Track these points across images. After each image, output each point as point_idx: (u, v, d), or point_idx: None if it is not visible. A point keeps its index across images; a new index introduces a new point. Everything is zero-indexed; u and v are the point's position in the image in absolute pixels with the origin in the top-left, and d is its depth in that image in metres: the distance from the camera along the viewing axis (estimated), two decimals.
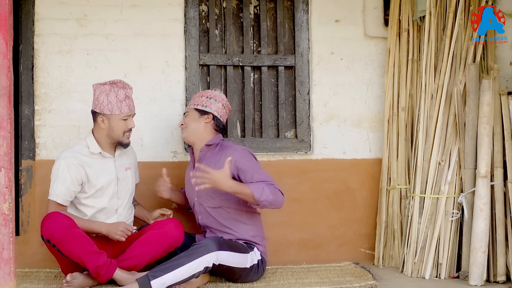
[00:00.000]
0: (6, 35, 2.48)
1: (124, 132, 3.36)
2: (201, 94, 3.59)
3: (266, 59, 4.01)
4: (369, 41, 4.09)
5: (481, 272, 3.39)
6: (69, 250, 3.12)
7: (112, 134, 3.35)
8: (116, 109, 3.31)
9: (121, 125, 3.34)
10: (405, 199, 3.88)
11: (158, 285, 3.02)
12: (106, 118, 3.33)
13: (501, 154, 3.54)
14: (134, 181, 3.56)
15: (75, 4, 3.83)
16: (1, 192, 2.46)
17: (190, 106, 3.56)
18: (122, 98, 3.32)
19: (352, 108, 4.07)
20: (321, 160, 4.02)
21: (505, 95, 3.59)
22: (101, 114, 3.33)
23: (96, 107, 3.34)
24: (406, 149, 3.94)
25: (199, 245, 3.16)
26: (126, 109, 3.33)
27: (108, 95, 3.31)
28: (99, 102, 3.33)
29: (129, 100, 3.35)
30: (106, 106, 3.31)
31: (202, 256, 3.11)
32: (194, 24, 3.95)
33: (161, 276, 3.03)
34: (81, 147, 3.38)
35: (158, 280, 3.02)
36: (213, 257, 3.13)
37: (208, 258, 3.12)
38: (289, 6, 4.08)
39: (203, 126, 3.50)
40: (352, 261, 3.96)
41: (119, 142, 3.38)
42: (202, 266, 3.11)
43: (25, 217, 3.77)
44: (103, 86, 3.34)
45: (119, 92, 3.32)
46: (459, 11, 3.75)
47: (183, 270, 3.06)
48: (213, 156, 3.46)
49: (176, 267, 3.06)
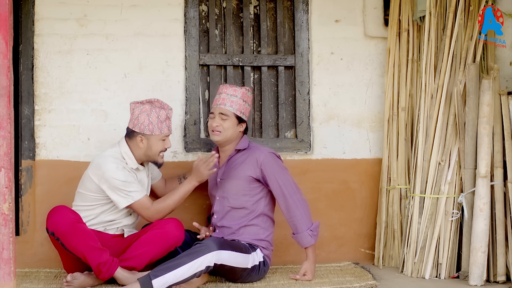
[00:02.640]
0: (6, 35, 2.48)
1: (160, 152, 3.39)
2: (236, 93, 3.51)
3: (266, 59, 4.01)
4: (369, 41, 4.09)
5: (481, 272, 3.39)
6: (73, 244, 3.13)
7: (149, 153, 3.38)
8: (157, 129, 3.34)
9: (159, 145, 3.37)
10: (405, 199, 3.88)
11: (159, 285, 3.02)
12: (145, 138, 3.35)
13: (501, 154, 3.54)
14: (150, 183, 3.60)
15: (75, 4, 3.83)
16: (1, 192, 2.47)
17: (228, 107, 3.49)
18: (163, 119, 3.35)
19: (352, 108, 4.07)
20: (321, 160, 4.02)
21: (505, 95, 3.59)
22: (140, 134, 3.34)
23: (135, 127, 3.35)
24: (406, 149, 3.94)
25: (201, 245, 3.17)
26: (166, 130, 3.37)
27: (149, 115, 3.33)
28: (139, 121, 3.34)
29: (169, 121, 3.39)
30: (147, 126, 3.33)
31: (204, 256, 3.11)
32: (194, 24, 3.95)
33: (162, 275, 3.03)
34: (119, 160, 3.35)
35: (159, 279, 3.02)
36: (214, 256, 3.13)
37: (210, 258, 3.12)
38: (289, 6, 4.08)
39: (238, 133, 3.54)
40: (352, 261, 3.96)
41: (154, 161, 3.42)
42: (203, 265, 3.11)
43: (25, 217, 3.77)
44: (143, 106, 3.35)
45: (161, 112, 3.35)
46: (459, 11, 3.75)
47: (185, 269, 3.06)
48: (240, 156, 3.52)
49: (177, 266, 3.06)
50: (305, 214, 3.41)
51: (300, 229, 3.40)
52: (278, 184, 3.42)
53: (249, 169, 3.45)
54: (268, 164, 3.44)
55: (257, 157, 3.45)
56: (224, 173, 3.52)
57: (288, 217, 3.42)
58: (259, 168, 3.44)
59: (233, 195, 3.47)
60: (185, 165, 3.87)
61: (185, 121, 3.93)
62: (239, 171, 3.47)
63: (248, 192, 3.46)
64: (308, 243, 3.41)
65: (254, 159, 3.46)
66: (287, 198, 3.41)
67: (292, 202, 3.41)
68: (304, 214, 3.41)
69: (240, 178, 3.46)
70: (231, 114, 3.48)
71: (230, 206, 3.47)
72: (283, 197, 3.42)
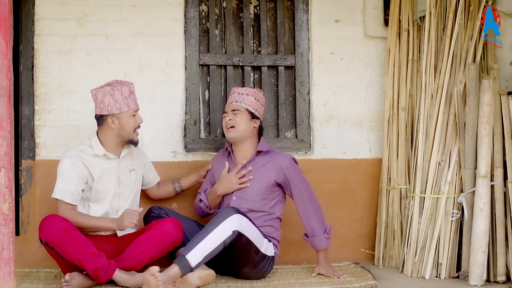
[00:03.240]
0: (6, 35, 2.48)
1: (134, 129, 3.37)
2: (247, 91, 3.56)
3: (266, 59, 4.01)
4: (369, 41, 4.09)
5: (481, 272, 3.39)
6: (68, 252, 3.11)
7: (123, 132, 3.35)
8: (125, 106, 3.32)
9: (131, 122, 3.35)
10: (405, 199, 3.88)
11: (194, 258, 3.04)
12: (115, 118, 3.33)
13: (501, 154, 3.54)
14: (139, 183, 3.54)
15: (75, 4, 3.84)
16: (1, 192, 2.47)
17: (239, 103, 3.54)
18: (127, 94, 3.33)
19: (352, 108, 4.07)
20: (321, 160, 4.03)
21: (505, 95, 3.59)
22: (110, 115, 3.32)
23: (103, 110, 3.33)
24: (406, 149, 3.94)
25: (220, 212, 3.20)
26: (133, 105, 3.35)
27: (112, 95, 3.31)
28: (104, 104, 3.32)
29: (133, 96, 3.38)
30: (114, 105, 3.31)
31: (226, 220, 3.14)
32: (194, 24, 3.95)
33: (193, 248, 3.06)
34: (85, 147, 3.38)
35: (192, 252, 3.05)
36: (236, 220, 3.15)
37: (233, 221, 3.14)
38: (289, 6, 4.08)
39: (251, 130, 3.56)
40: (352, 261, 3.95)
41: (129, 140, 3.38)
42: (229, 230, 3.13)
43: (25, 217, 3.77)
44: (104, 88, 3.34)
45: (123, 89, 3.33)
46: (459, 11, 3.75)
47: (212, 236, 3.10)
48: (262, 160, 3.55)
49: (204, 236, 3.10)
50: (322, 218, 3.51)
51: (317, 232, 3.47)
52: (302, 189, 3.50)
53: (272, 173, 3.51)
54: (292, 169, 3.51)
55: (281, 163, 3.51)
56: (245, 174, 3.53)
57: (305, 220, 3.49)
58: (283, 173, 3.50)
59: (252, 197, 3.51)
60: (185, 165, 3.87)
61: (185, 121, 3.92)
62: (262, 174, 3.52)
63: (267, 195, 3.52)
64: (324, 246, 3.50)
65: (277, 164, 3.51)
66: (308, 203, 3.49)
67: (311, 206, 3.49)
68: (321, 218, 3.51)
69: (262, 182, 3.51)
70: (242, 109, 3.53)
71: (248, 208, 3.50)
72: (303, 202, 3.49)
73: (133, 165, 3.50)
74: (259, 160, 3.56)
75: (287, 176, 3.50)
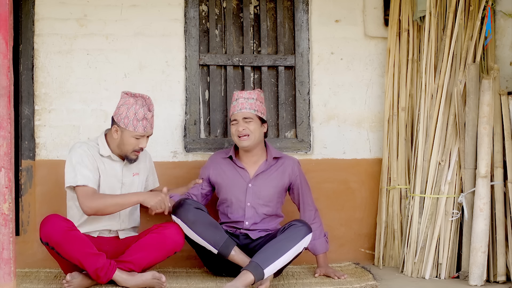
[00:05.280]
0: (6, 35, 2.48)
1: (133, 149, 3.32)
2: (252, 95, 3.51)
3: (266, 59, 4.01)
4: (369, 41, 4.09)
5: (481, 272, 3.39)
6: (68, 252, 3.11)
7: (121, 147, 3.32)
8: (131, 126, 3.27)
9: (131, 142, 3.30)
10: (405, 199, 3.88)
11: (270, 271, 3.12)
12: (120, 129, 3.30)
13: (501, 154, 3.54)
14: (142, 187, 3.51)
15: (75, 4, 3.84)
16: (1, 192, 2.47)
17: (250, 110, 3.47)
18: (140, 118, 3.27)
19: (352, 108, 4.08)
20: (321, 160, 4.03)
21: (505, 95, 3.58)
22: (116, 124, 3.31)
23: (115, 115, 3.32)
24: (406, 149, 3.94)
25: (297, 229, 3.25)
26: (140, 130, 3.28)
27: (128, 109, 3.28)
28: (119, 112, 3.31)
29: (146, 122, 3.28)
30: (123, 119, 3.28)
31: (303, 239, 3.23)
32: (194, 24, 3.95)
33: (272, 263, 3.12)
34: (92, 144, 3.36)
35: (270, 267, 3.10)
36: (309, 239, 3.27)
37: (307, 240, 3.26)
38: (289, 6, 4.08)
39: (262, 135, 3.56)
40: (352, 261, 3.96)
41: (125, 156, 3.35)
42: (302, 247, 3.25)
43: (25, 217, 3.78)
44: (128, 98, 3.31)
45: (139, 111, 3.26)
46: (459, 11, 3.75)
47: (290, 254, 3.19)
48: (274, 165, 3.57)
49: (283, 253, 3.16)
50: (321, 222, 3.63)
51: (318, 235, 3.55)
52: (307, 194, 3.60)
53: (286, 178, 3.56)
54: (301, 174, 3.61)
55: (292, 167, 3.57)
56: (259, 180, 3.53)
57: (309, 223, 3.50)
58: (294, 177, 3.57)
59: (268, 202, 3.54)
60: (185, 165, 3.87)
61: (185, 121, 3.93)
62: (276, 179, 3.55)
63: (281, 199, 3.60)
64: (325, 249, 3.58)
65: (289, 168, 3.56)
66: (312, 207, 3.60)
67: (314, 210, 3.61)
68: (321, 222, 3.62)
69: (277, 187, 3.55)
70: (254, 116, 3.47)
71: (264, 214, 3.53)
72: (308, 206, 3.60)
73: (138, 169, 3.48)
74: (272, 166, 3.57)
75: (297, 181, 3.58)
